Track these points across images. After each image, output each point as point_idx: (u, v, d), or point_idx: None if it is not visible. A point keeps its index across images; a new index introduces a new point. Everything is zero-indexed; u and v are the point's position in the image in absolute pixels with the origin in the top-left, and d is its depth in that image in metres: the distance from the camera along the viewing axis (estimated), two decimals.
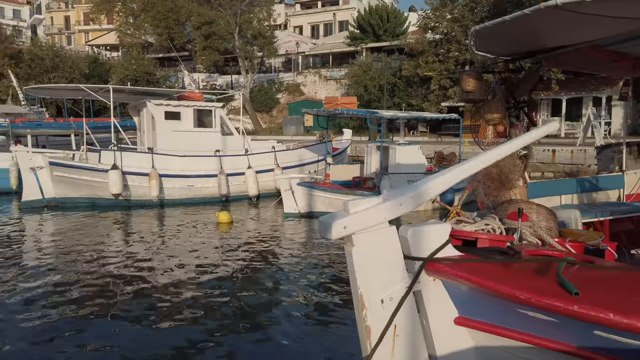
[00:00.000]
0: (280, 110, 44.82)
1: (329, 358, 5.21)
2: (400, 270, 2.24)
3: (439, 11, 33.11)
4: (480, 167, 2.40)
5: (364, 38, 45.44)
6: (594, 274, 2.53)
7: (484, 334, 2.37)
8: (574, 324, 2.04)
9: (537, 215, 4.06)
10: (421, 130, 35.88)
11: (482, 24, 3.83)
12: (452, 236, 2.72)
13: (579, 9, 2.99)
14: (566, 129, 29.50)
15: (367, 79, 37.41)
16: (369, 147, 15.02)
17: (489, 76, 5.42)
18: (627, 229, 6.18)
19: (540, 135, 2.66)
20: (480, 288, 2.19)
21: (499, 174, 4.78)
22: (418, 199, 2.23)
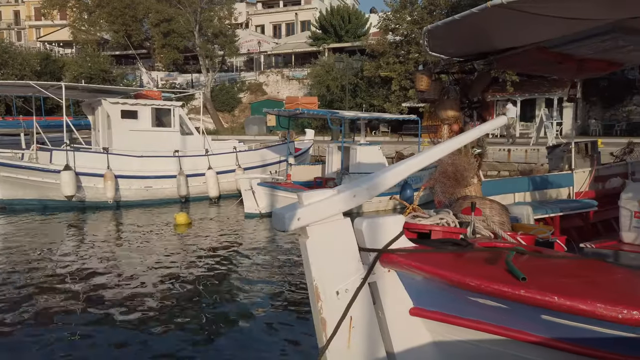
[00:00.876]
0: (243, 109, 44.41)
1: (286, 352, 5.22)
2: (355, 262, 2.27)
3: (399, 13, 33.67)
4: (430, 160, 2.45)
5: (326, 38, 45.66)
6: (541, 263, 2.63)
7: (437, 324, 2.43)
8: (522, 309, 2.11)
9: (490, 210, 4.19)
10: (383, 130, 36.34)
11: (434, 24, 3.92)
12: (407, 229, 2.78)
13: (522, 8, 3.11)
14: (521, 129, 30.57)
15: (329, 79, 37.59)
16: (330, 147, 15.10)
17: (444, 76, 5.55)
18: (577, 224, 6.47)
19: (488, 129, 2.76)
20: (432, 277, 2.24)
21: (454, 172, 4.91)
22: (372, 190, 2.26)
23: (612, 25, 4.30)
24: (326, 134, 29.87)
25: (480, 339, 2.32)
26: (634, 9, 3.79)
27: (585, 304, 1.89)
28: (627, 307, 1.86)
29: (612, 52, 5.25)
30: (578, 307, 1.90)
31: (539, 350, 2.20)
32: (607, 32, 4.41)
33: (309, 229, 2.12)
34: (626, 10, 3.81)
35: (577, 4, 3.16)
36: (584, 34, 4.53)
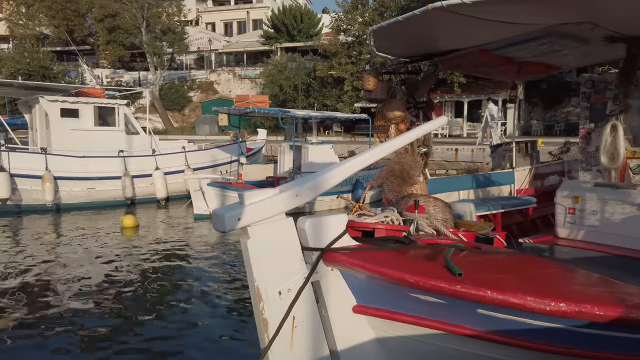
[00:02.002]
0: (193, 109, 43.47)
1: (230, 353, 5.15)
2: (298, 262, 2.26)
3: (350, 14, 34.01)
4: (372, 159, 2.48)
5: (278, 38, 45.46)
6: (479, 259, 2.72)
7: (380, 320, 2.46)
8: (460, 303, 2.17)
9: (434, 208, 4.29)
10: (336, 130, 36.62)
11: (379, 25, 3.98)
12: (352, 228, 2.80)
13: (462, 11, 3.20)
14: (468, 129, 31.63)
15: (282, 79, 37.46)
16: (282, 146, 15.05)
17: (391, 76, 5.65)
18: (517, 220, 6.74)
19: (430, 128, 2.82)
20: (374, 274, 2.27)
21: (401, 170, 5.00)
22: (315, 189, 2.26)
23: (548, 30, 4.52)
24: (279, 134, 29.76)
25: (421, 333, 2.37)
26: (566, 15, 4.01)
27: (516, 298, 1.96)
28: (555, 300, 1.95)
29: (549, 56, 5.52)
30: (510, 301, 1.97)
31: (476, 343, 2.27)
32: (543, 36, 4.63)
33: (250, 229, 2.09)
34: (560, 16, 4.02)
35: (514, 9, 3.29)
36: (522, 38, 4.73)
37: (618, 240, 4.68)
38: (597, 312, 1.96)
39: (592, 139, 6.17)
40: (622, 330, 2.14)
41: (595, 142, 5.97)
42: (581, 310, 1.96)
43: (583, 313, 1.96)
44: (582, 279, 2.54)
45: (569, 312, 1.96)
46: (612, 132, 5.43)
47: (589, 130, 6.25)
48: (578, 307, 1.96)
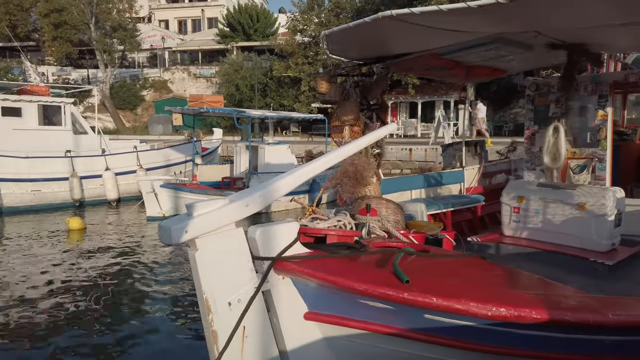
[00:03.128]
0: (146, 108, 42.27)
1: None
2: (249, 272, 2.24)
3: (306, 14, 34.05)
4: (325, 167, 2.49)
5: (234, 36, 44.89)
6: (427, 262, 2.79)
7: (331, 327, 2.48)
8: (408, 309, 2.22)
9: (386, 209, 4.37)
10: (293, 130, 36.58)
11: (331, 29, 4.02)
12: (304, 234, 2.80)
13: (411, 20, 3.28)
14: (422, 130, 32.34)
15: (238, 78, 37.05)
16: (238, 147, 14.88)
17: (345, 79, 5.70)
18: (467, 218, 6.95)
19: (381, 135, 2.87)
20: (324, 283, 2.28)
21: (354, 172, 5.04)
22: (266, 198, 2.24)
23: (495, 37, 4.69)
24: (236, 134, 29.42)
25: (371, 338, 2.41)
26: (511, 25, 4.17)
27: (460, 304, 2.03)
28: (496, 305, 2.04)
29: (496, 60, 5.74)
30: (454, 307, 2.04)
31: (424, 346, 2.33)
32: (490, 42, 4.80)
33: (198, 241, 2.06)
34: (505, 26, 4.18)
35: (461, 19, 3.40)
36: (470, 44, 4.89)
37: (558, 239, 4.91)
38: (534, 316, 2.06)
39: (536, 139, 6.45)
40: (558, 331, 2.25)
41: (539, 143, 6.24)
42: (520, 315, 2.05)
43: (522, 317, 2.05)
44: (522, 282, 2.66)
45: (509, 316, 2.04)
46: (554, 134, 5.70)
47: (533, 132, 6.53)
48: (517, 312, 2.05)
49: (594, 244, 4.69)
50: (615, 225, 4.74)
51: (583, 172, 6.16)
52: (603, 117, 5.93)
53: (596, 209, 4.70)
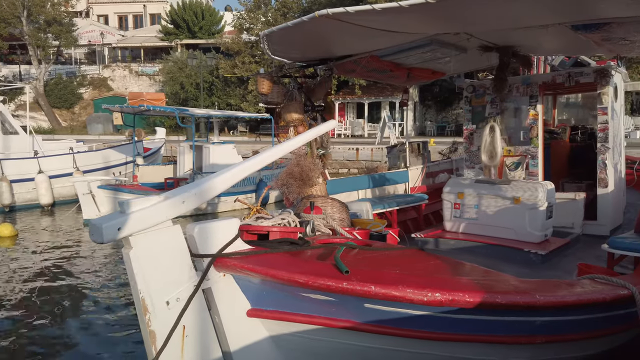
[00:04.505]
0: (84, 106, 40.39)
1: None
2: (188, 269, 2.20)
3: (253, 13, 33.76)
4: (263, 164, 2.50)
5: (178, 34, 43.78)
6: (369, 255, 2.85)
7: (275, 322, 2.49)
8: (349, 300, 2.27)
9: (331, 208, 4.42)
10: (241, 130, 36.19)
11: (270, 29, 4.02)
12: (246, 232, 2.79)
13: (348, 19, 3.34)
14: (369, 130, 32.90)
15: (183, 76, 36.18)
16: (181, 146, 14.52)
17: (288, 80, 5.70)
18: (412, 216, 7.16)
19: (321, 131, 2.90)
20: (266, 277, 2.29)
21: (300, 172, 5.07)
22: (203, 195, 2.22)
23: (431, 39, 4.87)
24: (181, 134, 28.72)
25: (314, 331, 2.44)
26: (443, 26, 4.34)
27: (397, 291, 2.10)
28: (432, 290, 2.12)
29: (434, 63, 5.94)
30: (392, 294, 2.10)
31: (365, 336, 2.39)
32: (426, 44, 4.98)
33: (132, 239, 2.00)
34: (437, 27, 4.34)
35: (395, 19, 3.49)
36: (408, 46, 5.05)
37: (496, 231, 5.17)
38: (468, 299, 2.16)
39: (474, 139, 6.72)
40: (492, 314, 2.38)
41: (477, 142, 6.51)
42: (454, 299, 2.14)
43: (456, 301, 2.15)
44: (458, 270, 2.78)
45: (444, 300, 2.14)
46: (490, 133, 5.98)
47: (471, 131, 6.81)
48: (451, 296, 2.14)
49: (528, 236, 4.97)
50: (547, 217, 5.05)
51: (518, 168, 6.49)
52: (534, 117, 6.28)
53: (529, 202, 4.98)
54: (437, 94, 34.08)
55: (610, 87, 5.78)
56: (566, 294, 2.50)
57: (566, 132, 8.09)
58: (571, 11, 3.72)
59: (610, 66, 5.93)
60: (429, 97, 34.63)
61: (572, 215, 5.76)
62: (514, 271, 4.10)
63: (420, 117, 35.11)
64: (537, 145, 6.25)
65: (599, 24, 3.94)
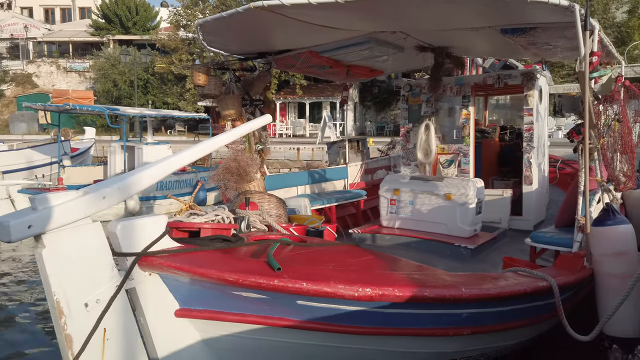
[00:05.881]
0: (6, 104, 37.60)
1: None
2: (109, 269, 2.06)
3: (190, 9, 32.86)
4: (193, 158, 2.39)
5: (110, 29, 41.81)
6: (303, 252, 2.81)
7: (205, 322, 2.39)
8: (281, 297, 2.21)
9: (268, 204, 4.35)
10: (179, 129, 35.11)
11: (204, 18, 3.90)
12: (176, 229, 2.66)
13: (284, 12, 3.30)
14: (310, 130, 33.00)
15: (115, 74, 34.60)
16: (112, 147, 13.81)
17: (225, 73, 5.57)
18: (351, 212, 7.22)
19: (256, 125, 2.83)
20: (194, 276, 2.18)
21: (237, 168, 4.96)
22: (125, 191, 2.08)
23: (369, 37, 4.92)
24: (115, 133, 27.49)
25: (246, 330, 2.36)
26: (378, 24, 4.40)
27: (328, 287, 2.07)
28: (362, 285, 2.11)
29: (372, 60, 6.03)
30: (323, 290, 2.07)
31: (298, 333, 2.34)
32: (364, 42, 5.03)
33: (45, 237, 1.83)
34: (373, 25, 4.39)
35: (330, 14, 3.49)
36: (346, 43, 5.08)
37: (429, 227, 5.31)
38: (397, 294, 2.17)
39: (410, 137, 6.89)
40: (422, 307, 2.41)
41: (413, 140, 6.67)
42: (384, 293, 2.15)
43: (386, 296, 2.16)
44: (390, 265, 2.81)
45: (374, 295, 2.14)
46: (426, 131, 6.15)
47: (407, 129, 6.97)
48: (382, 291, 2.15)
49: (459, 230, 5.15)
50: (477, 213, 5.25)
51: (451, 166, 6.71)
52: (466, 116, 6.52)
53: (460, 198, 5.16)
54: (376, 94, 34.80)
55: (535, 89, 6.10)
56: (490, 287, 2.59)
57: (496, 131, 8.48)
58: (499, 15, 3.89)
59: (535, 70, 6.28)
60: (368, 97, 35.28)
61: (500, 211, 6.03)
62: (446, 265, 4.23)
63: (361, 118, 35.70)
64: (468, 144, 6.50)
65: (525, 29, 4.15)
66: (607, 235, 3.45)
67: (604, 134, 3.93)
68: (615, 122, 3.96)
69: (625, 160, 4.20)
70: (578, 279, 3.41)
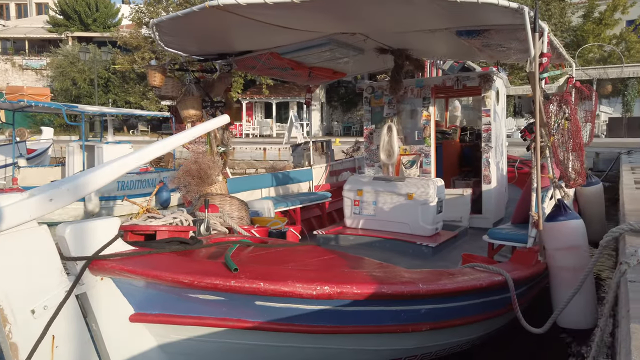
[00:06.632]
0: None
1: None
2: (57, 274, 2.00)
3: (152, 7, 32.13)
4: (149, 157, 2.35)
5: (69, 25, 40.46)
6: (264, 253, 2.81)
7: (161, 326, 2.35)
8: (239, 298, 2.20)
9: (230, 206, 4.32)
10: (142, 129, 34.31)
11: (160, 18, 3.83)
12: (132, 232, 2.61)
13: (241, 12, 3.28)
14: (277, 130, 32.86)
15: (74, 72, 33.50)
16: (71, 147, 13.36)
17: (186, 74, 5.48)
18: (316, 214, 7.24)
19: (212, 126, 2.80)
20: (148, 279, 2.15)
21: (198, 170, 4.89)
22: (76, 192, 2.02)
23: (329, 39, 4.95)
24: (74, 133, 26.66)
25: (204, 333, 2.34)
26: (339, 26, 4.43)
27: (286, 286, 2.07)
28: (320, 284, 2.12)
29: (333, 62, 6.06)
30: (281, 290, 2.07)
31: (257, 334, 2.33)
32: (325, 44, 5.05)
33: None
34: (332, 26, 4.42)
35: (287, 14, 3.48)
36: (307, 44, 5.09)
37: (392, 226, 5.39)
38: (355, 291, 2.20)
39: (373, 138, 6.97)
40: (381, 304, 2.44)
41: (376, 141, 6.75)
42: (342, 291, 2.17)
43: (344, 293, 2.18)
44: (351, 263, 2.84)
45: (333, 294, 2.15)
46: (388, 133, 6.23)
47: (371, 131, 7.05)
48: (340, 289, 2.16)
49: (421, 229, 5.25)
50: (438, 212, 5.36)
51: (413, 166, 6.82)
52: (427, 117, 6.64)
53: (421, 198, 5.25)
54: (343, 95, 35.00)
55: (492, 91, 6.27)
56: (447, 282, 2.65)
57: (457, 132, 8.68)
58: (454, 17, 3.98)
59: (492, 72, 6.45)
60: (335, 98, 35.44)
61: (460, 210, 6.18)
62: (407, 263, 4.30)
63: (328, 118, 35.82)
64: (429, 145, 6.62)
65: (479, 31, 4.27)
66: (559, 230, 3.59)
67: (554, 132, 4.09)
68: (565, 121, 4.12)
69: (575, 157, 4.37)
70: (533, 273, 3.53)
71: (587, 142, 6.47)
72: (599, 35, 26.52)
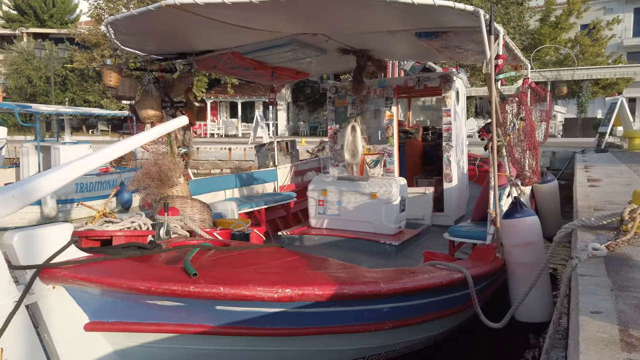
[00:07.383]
0: None
1: None
2: (4, 284, 1.92)
3: (112, 3, 31.22)
4: (103, 160, 2.28)
5: (23, 21, 38.91)
6: (225, 256, 2.78)
7: (119, 334, 2.29)
8: (199, 303, 2.16)
9: (191, 209, 4.25)
10: (102, 129, 33.33)
11: (114, 16, 3.72)
12: (87, 238, 2.53)
13: (199, 12, 3.22)
14: (243, 130, 32.55)
15: (30, 69, 32.21)
16: (25, 147, 12.83)
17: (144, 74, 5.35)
18: (281, 215, 7.21)
19: (169, 128, 2.75)
20: (103, 286, 2.09)
21: (158, 172, 4.79)
22: (24, 198, 1.94)
23: (291, 39, 4.93)
24: (29, 133, 25.64)
25: (163, 340, 2.29)
26: (300, 26, 4.42)
27: (247, 290, 2.06)
28: (282, 286, 2.12)
29: (296, 62, 6.04)
30: (242, 294, 2.06)
31: (218, 339, 2.31)
32: (287, 44, 5.04)
33: None
34: (295, 26, 4.41)
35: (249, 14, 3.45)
36: (269, 44, 5.06)
37: (355, 225, 5.43)
38: (317, 293, 2.20)
39: (337, 138, 7.00)
40: (341, 305, 2.46)
41: (340, 141, 6.78)
42: (304, 293, 2.17)
43: (306, 295, 2.18)
44: (314, 265, 2.84)
45: (294, 296, 2.15)
46: (352, 132, 6.27)
47: (335, 131, 7.08)
48: (301, 290, 2.16)
49: (384, 228, 5.31)
50: (400, 211, 5.43)
51: (377, 166, 6.89)
52: (390, 118, 6.72)
53: (384, 197, 5.31)
54: (309, 95, 35.01)
55: (452, 91, 6.40)
56: (408, 281, 2.69)
57: (419, 132, 8.82)
58: (413, 19, 4.04)
59: (452, 72, 6.58)
60: (301, 98, 35.41)
61: (423, 208, 6.28)
62: (372, 262, 4.34)
63: (294, 118, 35.76)
64: (392, 144, 6.70)
65: (437, 33, 4.35)
66: (515, 227, 3.71)
67: (510, 132, 4.22)
68: (520, 121, 4.26)
69: (530, 156, 4.52)
70: (491, 269, 3.63)
71: (542, 141, 6.69)
72: (555, 39, 27.55)
